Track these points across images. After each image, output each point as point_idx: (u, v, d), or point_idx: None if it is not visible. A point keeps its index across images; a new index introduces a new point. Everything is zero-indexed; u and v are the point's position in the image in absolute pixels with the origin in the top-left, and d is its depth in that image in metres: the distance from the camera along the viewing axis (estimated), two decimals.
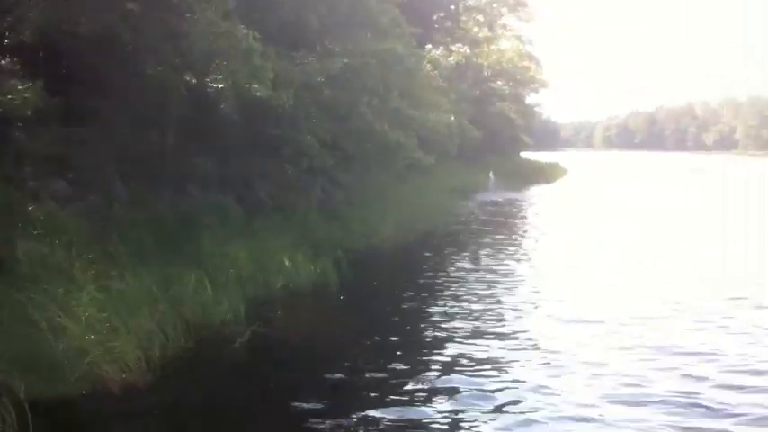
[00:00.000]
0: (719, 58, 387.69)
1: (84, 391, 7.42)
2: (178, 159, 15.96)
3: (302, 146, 16.60)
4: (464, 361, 9.66)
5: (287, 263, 13.40)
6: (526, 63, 55.20)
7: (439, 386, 8.65)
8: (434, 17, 36.36)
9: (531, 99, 63.69)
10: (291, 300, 12.41)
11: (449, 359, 9.78)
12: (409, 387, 8.66)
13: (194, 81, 14.32)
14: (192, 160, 16.43)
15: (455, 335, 10.95)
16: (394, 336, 11.04)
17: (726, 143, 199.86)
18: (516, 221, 28.64)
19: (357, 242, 17.51)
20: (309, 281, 13.45)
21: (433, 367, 9.43)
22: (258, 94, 13.22)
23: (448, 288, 14.49)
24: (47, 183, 13.40)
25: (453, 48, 43.69)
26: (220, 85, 15.35)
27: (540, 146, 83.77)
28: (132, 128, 15.17)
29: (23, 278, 9.92)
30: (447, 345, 10.49)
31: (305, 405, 7.97)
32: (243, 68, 12.37)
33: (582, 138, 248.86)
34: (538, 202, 37.23)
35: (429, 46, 30.74)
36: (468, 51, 45.39)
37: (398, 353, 10.09)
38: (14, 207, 11.93)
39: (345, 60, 15.87)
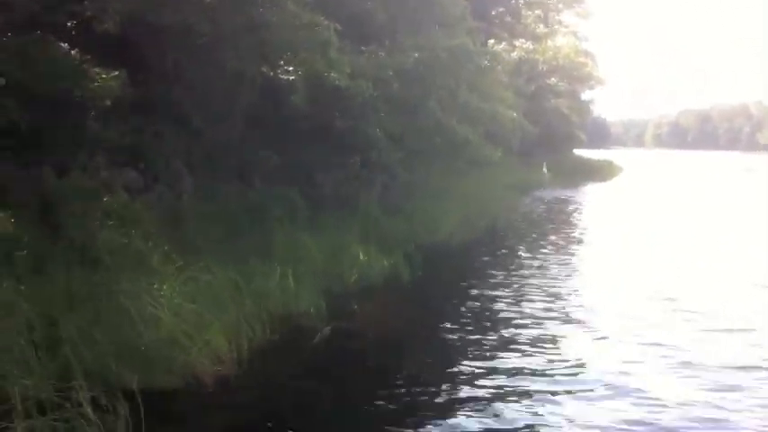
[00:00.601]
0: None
1: (180, 384, 7.40)
2: (244, 151, 16.02)
3: (371, 139, 16.49)
4: (534, 359, 9.53)
5: (361, 257, 13.30)
6: (582, 59, 54.44)
7: (510, 387, 8.52)
8: (494, 12, 36.03)
9: (584, 96, 62.87)
10: (366, 294, 12.31)
11: (518, 357, 9.66)
12: (482, 387, 8.53)
13: (271, 73, 14.26)
14: (257, 152, 16.47)
15: (522, 334, 10.75)
16: (466, 333, 10.86)
17: None
18: (574, 219, 28.15)
19: (422, 237, 17.38)
20: (381, 275, 13.35)
21: (503, 366, 9.29)
22: (337, 82, 13.10)
23: (513, 285, 14.34)
24: (119, 173, 13.54)
25: (517, 43, 43.26)
26: (292, 77, 15.34)
27: (591, 143, 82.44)
28: (202, 119, 15.27)
29: (106, 268, 10.04)
30: (516, 345, 10.28)
31: (384, 403, 7.91)
32: (321, 60, 12.29)
33: (632, 136, 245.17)
34: (594, 199, 36.65)
35: (492, 41, 30.42)
36: (530, 46, 44.91)
37: (470, 350, 10.00)
38: (91, 197, 12.08)
39: (416, 55, 15.69)
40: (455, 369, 9.15)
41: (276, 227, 13.84)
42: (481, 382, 8.66)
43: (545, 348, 10.02)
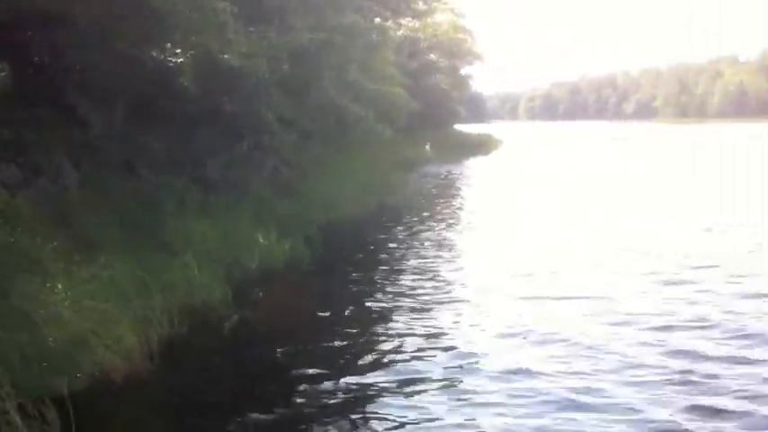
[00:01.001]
0: (645, 26, 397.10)
1: (92, 384, 7.12)
2: (130, 139, 15.43)
3: (263, 122, 16.26)
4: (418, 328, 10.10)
5: (261, 241, 13.17)
6: (461, 35, 55.41)
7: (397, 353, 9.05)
8: None
9: (463, 71, 64.05)
10: (268, 279, 12.24)
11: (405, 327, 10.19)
12: (378, 354, 9.05)
13: (162, 56, 13.77)
14: (144, 140, 15.92)
15: (408, 304, 11.39)
16: (366, 309, 11.28)
17: (645, 112, 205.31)
18: (460, 194, 28.88)
19: (317, 218, 17.38)
20: (282, 259, 13.28)
21: (391, 334, 9.87)
22: (232, 62, 12.80)
23: (402, 259, 15.07)
24: None
25: (402, 21, 43.50)
26: (180, 60, 14.89)
27: (469, 118, 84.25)
28: (86, 108, 14.63)
29: None
30: (404, 314, 10.86)
31: (293, 391, 7.95)
32: (215, 41, 12.00)
33: (507, 109, 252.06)
34: (478, 173, 37.68)
35: (378, 19, 30.46)
36: (416, 25, 45.27)
37: (372, 324, 10.44)
38: None
39: (309, 35, 15.54)
40: (361, 350, 9.34)
41: (169, 216, 13.48)
42: (376, 348, 9.21)
43: (431, 324, 10.42)
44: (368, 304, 11.55)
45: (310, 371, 8.49)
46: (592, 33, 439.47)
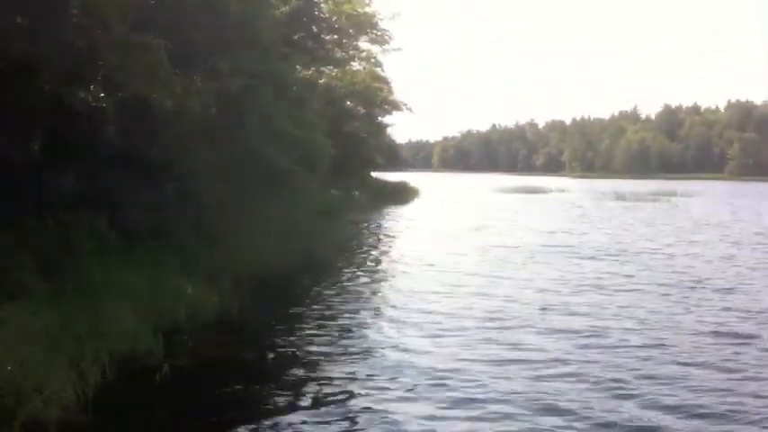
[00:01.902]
0: (550, 77, 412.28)
1: None
2: (42, 177, 14.94)
3: (188, 168, 16.07)
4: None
5: (189, 291, 12.92)
6: (377, 84, 56.20)
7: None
8: (296, 36, 36.28)
9: (380, 119, 64.77)
10: (197, 328, 11.99)
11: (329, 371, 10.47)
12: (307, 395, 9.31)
13: (88, 98, 13.46)
14: (59, 179, 15.45)
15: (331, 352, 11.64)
16: (294, 357, 11.32)
17: (554, 165, 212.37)
18: (384, 246, 28.79)
19: (243, 267, 17.11)
20: (210, 309, 13.03)
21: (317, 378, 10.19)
22: (166, 104, 12.64)
23: (329, 309, 15.16)
24: None
25: (325, 70, 43.90)
26: (104, 104, 14.59)
27: (385, 166, 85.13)
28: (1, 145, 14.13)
29: None
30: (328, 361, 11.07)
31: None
32: (147, 82, 11.85)
33: (420, 158, 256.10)
34: (401, 223, 37.97)
35: (298, 66, 30.75)
36: (337, 73, 45.75)
37: (300, 369, 10.60)
38: None
39: (238, 81, 15.52)
40: (290, 392, 9.48)
41: (89, 261, 13.09)
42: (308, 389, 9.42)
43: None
44: (296, 353, 11.54)
45: (242, 416, 8.46)
46: (500, 82, 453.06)
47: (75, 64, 11.60)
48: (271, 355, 11.35)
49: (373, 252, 25.57)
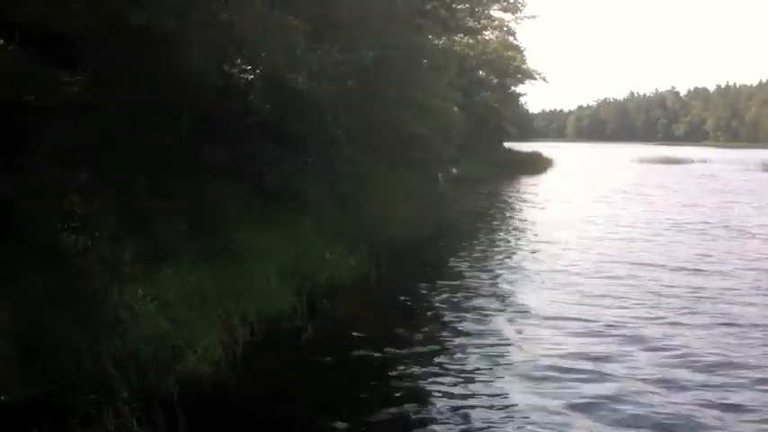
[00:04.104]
0: (692, 43, 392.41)
1: (181, 390, 7.26)
2: (192, 148, 15.70)
3: (327, 137, 16.45)
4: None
5: (328, 255, 13.31)
6: (510, 53, 55.31)
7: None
8: (429, 6, 36.21)
9: (513, 89, 63.72)
10: (335, 293, 12.31)
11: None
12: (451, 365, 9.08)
13: (234, 70, 14.04)
14: (207, 149, 16.18)
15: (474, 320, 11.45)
16: (437, 328, 11.21)
17: (696, 134, 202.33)
18: (516, 216, 28.49)
19: (378, 234, 17.40)
20: (348, 273, 13.37)
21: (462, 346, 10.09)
22: (300, 86, 12.99)
23: (467, 278, 14.94)
24: (70, 174, 13.15)
25: (456, 38, 43.70)
26: (250, 77, 15.17)
27: (517, 136, 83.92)
28: (152, 118, 14.93)
29: (75, 272, 9.79)
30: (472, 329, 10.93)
31: (374, 397, 8.15)
32: (284, 61, 12.18)
33: (554, 128, 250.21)
34: (532, 193, 37.36)
35: (430, 36, 30.62)
36: (470, 42, 45.44)
37: (443, 345, 10.28)
38: (45, 197, 11.72)
39: (371, 53, 15.71)
40: (433, 364, 9.34)
41: (235, 225, 13.69)
42: (459, 373, 8.98)
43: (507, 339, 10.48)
44: (437, 321, 11.54)
45: (384, 381, 8.64)
46: (639, 49, 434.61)
47: (218, 39, 12.03)
48: (407, 321, 11.40)
49: (505, 222, 25.31)
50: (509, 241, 20.45)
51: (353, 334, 10.32)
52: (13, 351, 7.63)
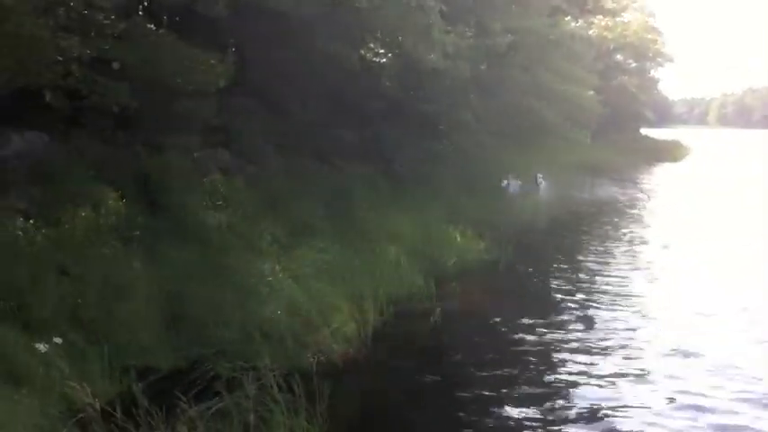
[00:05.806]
0: None
1: (313, 363, 7.49)
2: (321, 130, 16.04)
3: (460, 122, 16.47)
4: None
5: (457, 239, 13.36)
6: (650, 36, 53.17)
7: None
8: None
9: (652, 73, 61.26)
10: (463, 276, 12.31)
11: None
12: (588, 370, 8.65)
13: (368, 55, 14.30)
14: (339, 132, 16.51)
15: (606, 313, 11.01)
16: (568, 319, 10.80)
17: None
18: (651, 204, 27.26)
19: (505, 220, 17.24)
20: (477, 257, 13.35)
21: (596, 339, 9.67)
22: (435, 65, 13.03)
23: (598, 273, 14.05)
24: (213, 153, 13.75)
25: (594, 20, 42.51)
26: (383, 60, 15.36)
27: (655, 122, 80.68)
28: (293, 102, 15.40)
29: (217, 248, 10.25)
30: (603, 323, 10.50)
31: (503, 381, 8.07)
32: (421, 42, 12.29)
33: (695, 114, 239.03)
34: (669, 181, 35.94)
35: (567, 18, 29.86)
36: (608, 23, 44.11)
37: (573, 335, 9.95)
38: (189, 176, 12.30)
39: (507, 39, 15.57)
40: (562, 354, 9.19)
41: (364, 206, 13.93)
42: (584, 365, 8.76)
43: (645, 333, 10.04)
44: (568, 312, 11.15)
45: (514, 368, 8.59)
46: None
47: (357, 23, 12.26)
48: (536, 309, 11.13)
49: (639, 211, 24.17)
50: (635, 233, 19.11)
51: (481, 319, 10.29)
52: (160, 319, 8.15)
